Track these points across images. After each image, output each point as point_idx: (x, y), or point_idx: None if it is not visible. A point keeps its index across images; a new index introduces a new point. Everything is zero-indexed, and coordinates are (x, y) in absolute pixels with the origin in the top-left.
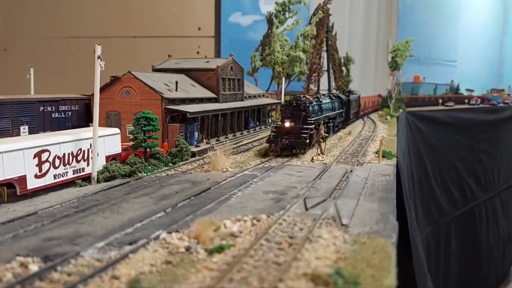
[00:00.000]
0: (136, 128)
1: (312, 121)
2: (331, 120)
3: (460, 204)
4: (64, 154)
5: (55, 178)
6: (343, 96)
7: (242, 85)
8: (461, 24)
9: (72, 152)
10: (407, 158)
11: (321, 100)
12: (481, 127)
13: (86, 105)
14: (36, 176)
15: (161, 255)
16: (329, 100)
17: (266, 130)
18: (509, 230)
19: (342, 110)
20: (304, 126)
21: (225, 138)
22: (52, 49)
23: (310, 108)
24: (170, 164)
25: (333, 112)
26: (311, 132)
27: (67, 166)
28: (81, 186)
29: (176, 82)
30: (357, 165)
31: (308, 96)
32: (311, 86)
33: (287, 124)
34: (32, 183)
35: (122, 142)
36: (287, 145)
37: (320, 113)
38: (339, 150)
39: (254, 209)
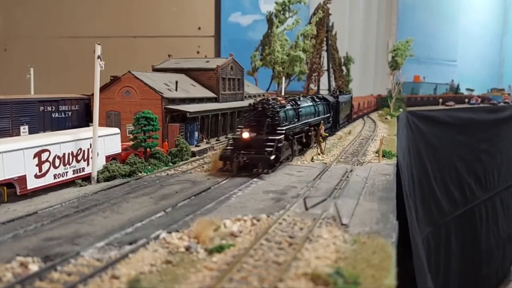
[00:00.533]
0: (136, 128)
1: (283, 130)
2: (313, 128)
3: (460, 204)
4: (64, 154)
5: (55, 178)
6: (330, 98)
7: (242, 84)
8: (461, 23)
9: (72, 152)
10: (407, 157)
11: (298, 103)
12: (481, 127)
13: (86, 105)
14: (36, 176)
15: (161, 255)
16: (310, 103)
17: None
18: (509, 230)
19: (328, 115)
20: (270, 137)
21: (225, 137)
22: (52, 49)
23: (281, 113)
24: (170, 164)
25: (316, 118)
26: (279, 144)
27: (67, 166)
28: (81, 186)
29: (176, 82)
30: (357, 165)
31: (280, 98)
32: (311, 85)
33: (245, 134)
34: (32, 183)
35: (122, 142)
36: (245, 163)
37: (296, 120)
38: (339, 149)
39: (254, 208)
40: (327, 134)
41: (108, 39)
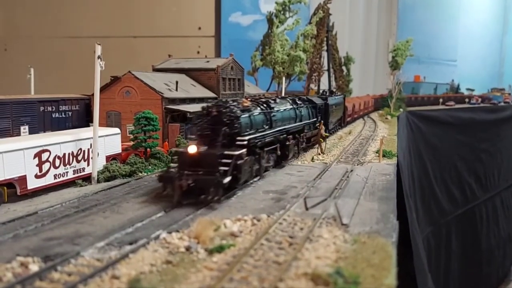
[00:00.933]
0: (136, 128)
1: (245, 141)
2: (292, 136)
3: (461, 203)
4: (64, 154)
5: (55, 178)
6: (317, 100)
7: (242, 85)
8: (461, 23)
9: (72, 152)
10: (407, 157)
11: (272, 106)
12: (481, 127)
13: (86, 105)
14: (36, 176)
15: (161, 255)
16: (289, 106)
17: None
18: (510, 230)
19: (315, 119)
20: (226, 152)
21: None
22: (52, 49)
23: (243, 119)
24: (171, 164)
25: (298, 123)
26: (238, 161)
27: (67, 166)
28: (81, 186)
29: (176, 82)
30: (357, 165)
31: (244, 100)
32: (312, 85)
33: (192, 148)
34: (32, 183)
35: (122, 142)
36: (190, 187)
37: (267, 127)
38: (339, 149)
39: (254, 208)
40: (328, 134)
41: (108, 39)
